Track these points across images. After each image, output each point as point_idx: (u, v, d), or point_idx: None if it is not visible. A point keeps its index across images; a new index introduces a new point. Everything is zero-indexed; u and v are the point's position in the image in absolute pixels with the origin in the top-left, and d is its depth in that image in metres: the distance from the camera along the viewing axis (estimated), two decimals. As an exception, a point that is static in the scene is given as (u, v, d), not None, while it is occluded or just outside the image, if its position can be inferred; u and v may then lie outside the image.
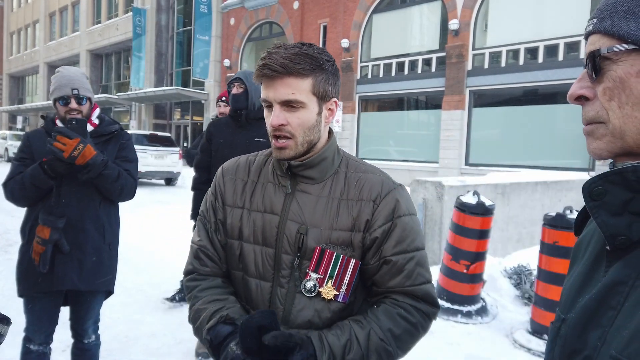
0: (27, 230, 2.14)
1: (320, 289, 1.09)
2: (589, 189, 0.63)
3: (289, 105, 1.07)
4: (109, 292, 2.33)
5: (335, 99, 1.15)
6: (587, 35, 0.67)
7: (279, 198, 1.15)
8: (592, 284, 0.66)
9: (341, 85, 17.06)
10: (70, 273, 2.12)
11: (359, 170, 1.17)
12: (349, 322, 1.07)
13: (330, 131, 1.21)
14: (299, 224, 1.11)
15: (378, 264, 1.11)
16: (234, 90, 3.03)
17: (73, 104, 2.11)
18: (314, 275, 1.09)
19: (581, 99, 0.67)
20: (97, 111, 2.27)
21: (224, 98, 4.12)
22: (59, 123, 2.15)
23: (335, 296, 1.09)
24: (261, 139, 3.08)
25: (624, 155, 0.64)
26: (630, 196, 0.60)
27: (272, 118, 1.07)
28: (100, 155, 2.06)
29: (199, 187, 3.21)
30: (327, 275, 1.09)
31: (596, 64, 0.63)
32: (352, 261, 1.10)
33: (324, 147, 1.16)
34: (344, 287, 1.09)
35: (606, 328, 0.59)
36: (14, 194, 2.08)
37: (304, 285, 1.10)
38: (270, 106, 1.09)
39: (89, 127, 2.19)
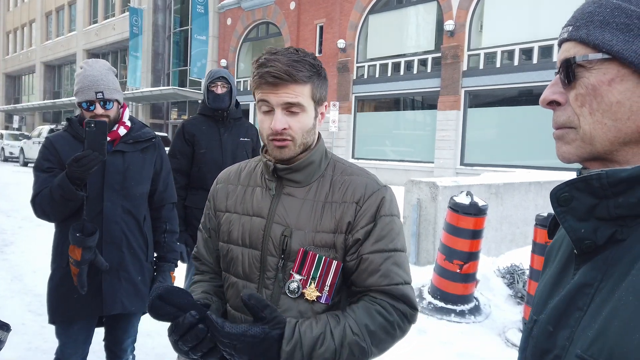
0: (67, 250, 1.88)
1: (304, 290, 1.11)
2: (557, 196, 0.65)
3: (291, 110, 1.09)
4: None
5: (326, 103, 1.19)
6: (561, 42, 0.69)
7: (265, 201, 1.17)
8: (562, 286, 0.68)
9: (337, 86, 16.85)
10: (120, 296, 1.96)
11: (345, 173, 1.18)
12: (326, 316, 1.07)
13: (319, 135, 1.23)
14: (284, 227, 1.13)
15: (355, 262, 1.12)
16: (219, 90, 2.92)
17: (98, 110, 1.88)
18: (297, 277, 1.11)
19: (553, 104, 0.69)
20: (127, 111, 2.04)
21: None
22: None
23: (318, 297, 1.11)
24: (246, 139, 3.05)
25: (592, 160, 0.66)
26: (595, 202, 0.62)
27: (275, 122, 1.08)
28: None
29: (178, 192, 2.82)
30: (310, 277, 1.10)
31: (571, 71, 0.65)
32: (334, 263, 1.11)
33: (312, 150, 1.17)
34: (326, 288, 1.11)
35: (573, 328, 0.62)
36: (45, 209, 1.86)
37: (288, 286, 1.11)
38: (268, 111, 1.11)
39: (122, 130, 1.99)
